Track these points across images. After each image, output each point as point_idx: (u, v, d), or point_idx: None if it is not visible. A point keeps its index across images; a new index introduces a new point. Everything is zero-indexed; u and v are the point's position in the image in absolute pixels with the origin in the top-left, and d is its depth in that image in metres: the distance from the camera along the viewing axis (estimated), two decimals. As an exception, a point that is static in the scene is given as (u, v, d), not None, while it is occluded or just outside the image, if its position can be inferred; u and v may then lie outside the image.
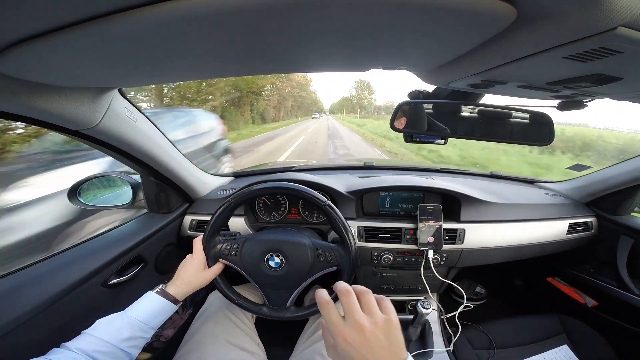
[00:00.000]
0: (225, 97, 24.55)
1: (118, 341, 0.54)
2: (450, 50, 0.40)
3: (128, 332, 0.56)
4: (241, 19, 0.28)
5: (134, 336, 0.57)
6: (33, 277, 0.65)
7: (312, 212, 1.11)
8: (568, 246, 1.09)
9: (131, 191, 0.98)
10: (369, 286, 1.21)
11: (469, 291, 1.47)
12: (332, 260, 0.76)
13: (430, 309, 0.87)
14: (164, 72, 0.48)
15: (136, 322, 0.58)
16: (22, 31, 0.30)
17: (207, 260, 0.77)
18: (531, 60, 0.37)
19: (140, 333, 0.58)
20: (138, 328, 0.58)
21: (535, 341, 0.99)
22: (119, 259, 0.81)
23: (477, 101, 0.71)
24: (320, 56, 0.43)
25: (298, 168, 1.41)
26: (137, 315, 0.59)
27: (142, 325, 0.58)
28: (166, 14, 0.27)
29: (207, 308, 0.88)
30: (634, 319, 0.95)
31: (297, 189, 0.76)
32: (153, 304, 0.62)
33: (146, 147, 0.78)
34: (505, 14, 0.28)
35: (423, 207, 0.98)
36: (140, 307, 0.61)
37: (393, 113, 0.72)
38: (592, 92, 0.52)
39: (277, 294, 0.78)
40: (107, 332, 0.54)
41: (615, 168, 1.04)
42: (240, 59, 0.43)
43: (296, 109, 76.67)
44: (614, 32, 0.27)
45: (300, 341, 0.84)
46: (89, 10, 0.27)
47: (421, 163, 3.43)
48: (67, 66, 0.41)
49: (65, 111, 0.54)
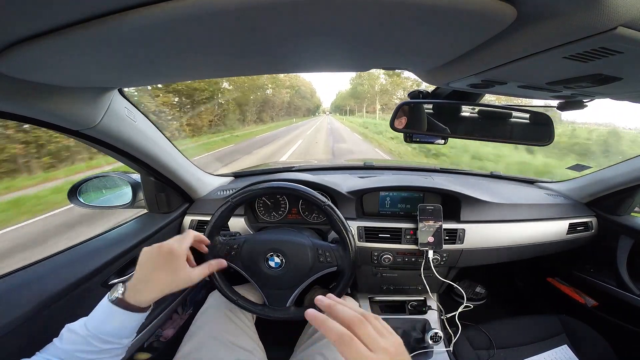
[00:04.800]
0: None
1: (82, 352, 0.46)
2: (450, 50, 0.40)
3: (93, 346, 0.46)
4: (241, 19, 0.28)
5: (96, 349, 0.47)
6: (33, 277, 0.65)
7: (312, 212, 1.11)
8: (568, 246, 1.09)
9: (131, 191, 0.98)
10: (369, 286, 1.21)
11: (469, 291, 1.47)
12: (332, 261, 0.76)
13: (440, 341, 0.93)
14: (164, 72, 0.48)
15: (96, 336, 0.47)
16: (22, 31, 0.30)
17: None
18: (531, 60, 0.37)
19: (107, 345, 0.48)
20: (103, 341, 0.47)
21: (535, 341, 0.99)
22: (119, 259, 0.81)
23: (477, 101, 0.71)
24: (320, 56, 0.43)
25: (298, 168, 1.41)
26: (97, 330, 0.47)
27: (105, 337, 0.48)
28: (166, 14, 0.27)
29: (207, 308, 0.88)
30: (634, 319, 0.95)
31: (297, 189, 0.76)
32: (108, 316, 0.49)
33: (146, 147, 0.78)
34: (505, 14, 0.28)
35: (423, 207, 0.98)
36: (99, 319, 0.49)
37: (393, 113, 0.73)
38: (592, 92, 0.52)
39: (278, 294, 0.78)
40: (70, 341, 0.46)
41: (615, 168, 1.04)
42: (239, 59, 0.43)
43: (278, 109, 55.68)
44: (614, 32, 0.27)
45: (300, 341, 0.84)
46: (89, 10, 0.27)
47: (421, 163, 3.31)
48: (67, 66, 0.41)
49: (65, 111, 0.54)
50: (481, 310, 1.30)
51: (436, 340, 0.95)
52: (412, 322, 1.07)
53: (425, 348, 0.95)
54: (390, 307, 1.16)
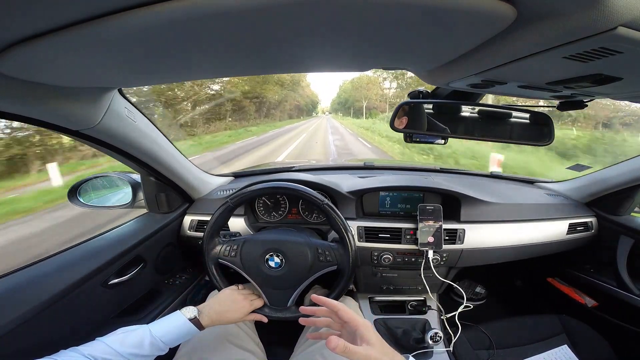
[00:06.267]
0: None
1: (132, 355, 0.53)
2: (450, 50, 0.40)
3: (147, 351, 0.56)
4: (241, 19, 0.28)
5: (150, 354, 0.56)
6: (33, 277, 0.65)
7: (312, 212, 1.11)
8: (568, 246, 1.09)
9: (131, 191, 0.98)
10: (369, 286, 1.20)
11: (469, 291, 1.46)
12: (332, 259, 0.76)
13: (440, 341, 0.94)
14: (164, 72, 0.48)
15: (159, 343, 0.57)
16: (22, 31, 0.30)
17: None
18: (531, 60, 0.37)
19: (157, 352, 0.58)
20: (157, 348, 0.57)
21: (535, 341, 0.99)
22: (119, 259, 0.81)
23: (477, 101, 0.71)
24: (320, 56, 0.43)
25: (298, 168, 1.41)
26: (161, 337, 0.58)
27: (162, 346, 0.58)
28: (166, 14, 0.27)
29: None
30: (634, 319, 0.95)
31: (295, 188, 0.76)
32: (181, 330, 0.61)
33: (146, 146, 0.79)
34: (505, 14, 0.28)
35: (423, 207, 0.98)
36: (167, 328, 0.60)
37: (393, 113, 0.73)
38: (592, 92, 0.52)
39: (278, 294, 0.78)
40: (125, 344, 0.54)
41: (615, 168, 1.04)
42: (240, 59, 0.43)
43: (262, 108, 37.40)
44: (614, 32, 0.27)
45: (300, 341, 0.84)
46: (89, 10, 0.27)
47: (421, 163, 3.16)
48: (67, 66, 0.41)
49: (65, 111, 0.54)
50: (481, 310, 1.30)
51: (436, 340, 0.95)
52: (412, 322, 1.07)
53: (425, 348, 0.95)
54: (390, 307, 1.16)
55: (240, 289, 0.77)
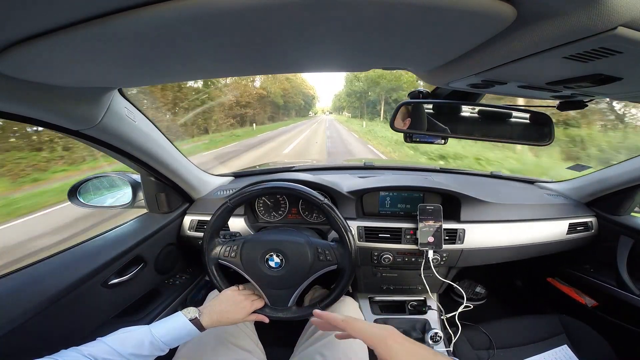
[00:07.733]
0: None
1: (133, 355, 0.54)
2: (450, 50, 0.40)
3: (147, 351, 0.56)
4: (241, 20, 0.28)
5: (150, 355, 0.57)
6: (33, 277, 0.65)
7: (312, 212, 1.11)
8: (568, 246, 1.09)
9: (131, 191, 0.98)
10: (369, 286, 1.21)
11: (469, 291, 1.47)
12: (331, 259, 0.76)
13: (440, 341, 0.94)
14: (164, 72, 0.48)
15: (159, 343, 0.58)
16: (22, 31, 0.30)
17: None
18: (531, 60, 0.37)
19: (157, 352, 0.58)
20: (157, 348, 0.58)
21: (535, 341, 0.99)
22: (119, 259, 0.81)
23: (477, 101, 0.71)
24: (320, 56, 0.43)
25: (298, 168, 1.41)
26: (162, 337, 0.58)
27: (162, 346, 0.58)
28: (166, 14, 0.27)
29: None
30: (634, 319, 0.95)
31: (295, 188, 0.76)
32: (181, 331, 0.62)
33: (146, 146, 0.79)
34: (505, 14, 0.28)
35: (423, 207, 0.98)
36: (167, 329, 0.60)
37: (393, 113, 0.73)
38: (592, 92, 0.52)
39: (278, 294, 0.78)
40: (125, 344, 0.54)
41: (615, 168, 1.04)
42: (240, 59, 0.43)
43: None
44: (614, 32, 0.27)
45: (300, 341, 0.84)
46: (89, 10, 0.27)
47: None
48: (67, 66, 0.41)
49: (65, 111, 0.54)
50: (481, 310, 1.30)
51: (436, 341, 0.95)
52: (412, 322, 1.07)
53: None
54: (390, 307, 1.16)
55: (240, 290, 0.77)
